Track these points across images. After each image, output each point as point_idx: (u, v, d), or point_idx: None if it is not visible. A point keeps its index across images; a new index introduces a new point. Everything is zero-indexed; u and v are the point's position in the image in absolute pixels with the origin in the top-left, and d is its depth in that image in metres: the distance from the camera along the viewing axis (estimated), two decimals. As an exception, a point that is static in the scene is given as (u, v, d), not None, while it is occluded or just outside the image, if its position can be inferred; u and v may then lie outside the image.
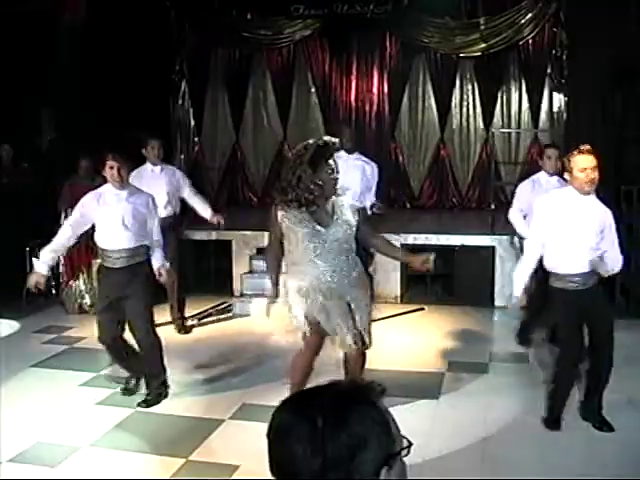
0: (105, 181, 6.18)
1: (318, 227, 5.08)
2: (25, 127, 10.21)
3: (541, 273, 5.71)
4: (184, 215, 8.61)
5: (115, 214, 6.05)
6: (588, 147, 5.36)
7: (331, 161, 5.00)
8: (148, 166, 8.23)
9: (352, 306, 5.23)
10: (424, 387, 6.35)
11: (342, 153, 7.19)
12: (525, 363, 7.10)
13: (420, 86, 12.81)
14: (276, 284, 5.38)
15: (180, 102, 13.43)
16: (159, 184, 8.13)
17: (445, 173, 12.80)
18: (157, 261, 6.39)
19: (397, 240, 9.52)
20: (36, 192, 9.20)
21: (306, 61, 13.22)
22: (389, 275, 9.56)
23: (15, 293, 8.36)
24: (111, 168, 6.02)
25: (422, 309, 9.22)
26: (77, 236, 6.19)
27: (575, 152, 5.37)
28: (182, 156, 13.40)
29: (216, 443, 5.43)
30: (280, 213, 5.10)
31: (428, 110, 12.79)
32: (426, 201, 12.88)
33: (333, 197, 5.15)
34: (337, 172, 5.05)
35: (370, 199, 7.84)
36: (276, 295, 5.37)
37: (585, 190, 5.28)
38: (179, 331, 8.36)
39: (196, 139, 13.59)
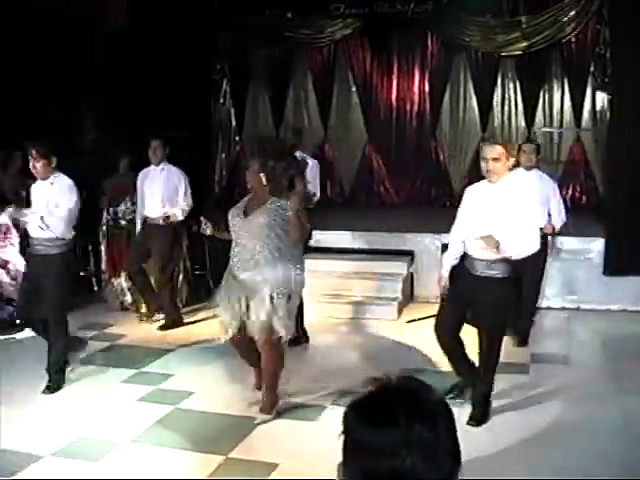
0: None
1: (239, 210, 5.66)
2: (67, 127, 10.32)
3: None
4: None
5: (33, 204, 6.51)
6: (493, 138, 5.57)
7: (255, 160, 5.80)
8: (152, 166, 8.46)
9: (245, 296, 5.58)
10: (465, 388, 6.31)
11: None
12: (566, 364, 7.03)
13: (461, 85, 12.72)
14: None
15: (221, 102, 13.49)
16: (156, 184, 8.40)
17: (487, 172, 12.68)
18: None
19: (437, 240, 9.49)
20: (78, 190, 9.29)
21: (347, 60, 13.18)
22: (429, 275, 9.51)
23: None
24: (33, 161, 6.40)
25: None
26: None
27: (486, 142, 5.56)
28: (223, 156, 13.47)
29: (256, 441, 5.45)
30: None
31: (469, 109, 12.70)
32: (467, 201, 12.78)
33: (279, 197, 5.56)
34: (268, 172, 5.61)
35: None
36: None
37: (488, 178, 5.48)
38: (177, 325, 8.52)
39: (237, 139, 13.63)
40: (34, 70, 9.71)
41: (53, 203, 6.39)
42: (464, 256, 5.70)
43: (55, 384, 6.47)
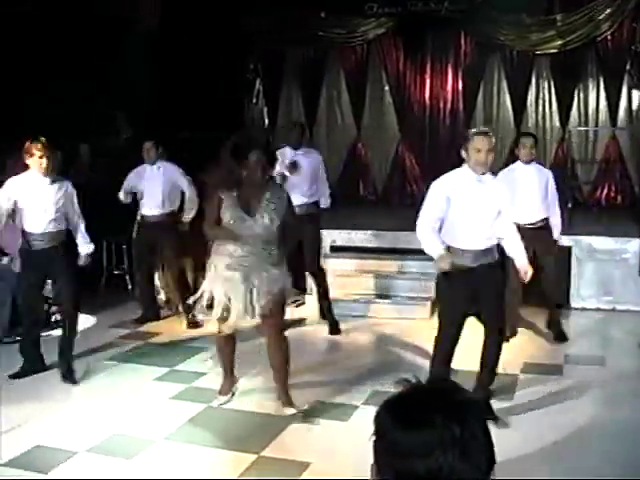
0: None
1: (240, 211, 5.51)
2: (102, 127, 10.42)
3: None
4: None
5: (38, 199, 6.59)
6: (486, 129, 5.53)
7: (258, 149, 5.51)
8: (146, 166, 8.53)
9: (254, 293, 5.56)
10: (498, 388, 6.26)
11: (286, 150, 7.99)
12: (601, 365, 6.96)
13: (495, 84, 12.64)
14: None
15: (254, 101, 13.53)
16: (155, 183, 8.47)
17: (520, 172, 12.59)
18: (80, 244, 6.99)
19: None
20: (112, 189, 9.37)
21: (380, 60, 13.15)
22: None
23: (92, 288, 8.53)
24: (40, 157, 6.46)
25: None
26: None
27: (473, 131, 5.47)
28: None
29: (288, 440, 5.46)
30: (220, 194, 5.57)
31: (503, 108, 12.61)
32: (501, 200, 12.67)
33: (271, 188, 5.64)
34: (268, 160, 5.57)
35: (325, 196, 8.28)
36: None
37: (478, 170, 5.37)
38: (188, 326, 8.44)
39: (270, 138, 13.65)
40: (66, 70, 9.81)
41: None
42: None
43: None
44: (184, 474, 4.90)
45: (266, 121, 13.59)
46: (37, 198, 6.59)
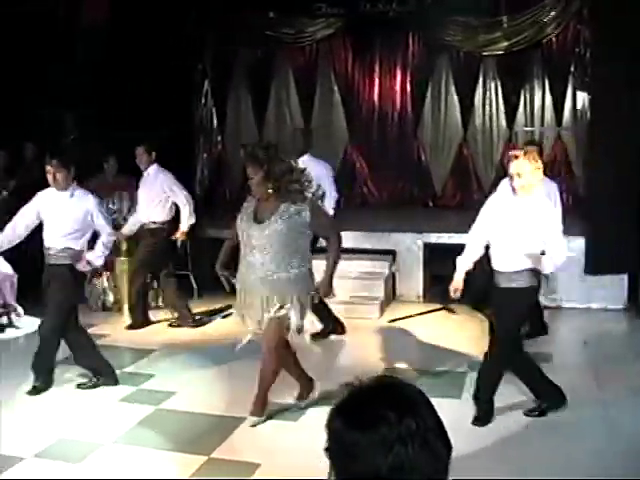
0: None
1: (251, 220, 5.42)
2: (48, 127, 10.27)
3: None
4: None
5: (52, 214, 6.38)
6: (517, 153, 5.54)
7: (252, 163, 5.38)
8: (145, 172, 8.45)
9: (265, 305, 5.46)
10: (447, 387, 6.32)
11: None
12: (548, 362, 7.05)
13: (443, 85, 12.75)
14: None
15: (203, 102, 13.45)
16: (145, 190, 8.39)
17: (468, 172, 12.73)
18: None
19: (419, 239, 9.52)
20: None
21: (329, 60, 13.19)
22: (411, 274, 9.55)
23: (38, 290, 8.39)
24: (48, 172, 6.36)
25: (445, 308, 9.17)
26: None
27: (511, 157, 5.53)
28: (205, 156, 13.42)
29: (238, 441, 5.45)
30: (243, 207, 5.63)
31: (451, 109, 12.74)
32: (449, 200, 12.81)
33: (293, 201, 5.39)
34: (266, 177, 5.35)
35: (329, 203, 8.03)
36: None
37: (516, 193, 5.45)
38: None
39: (219, 139, 13.59)
40: (11, 69, 9.67)
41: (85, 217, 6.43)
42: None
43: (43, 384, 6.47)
44: (133, 477, 4.86)
45: (215, 122, 13.52)
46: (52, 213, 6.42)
